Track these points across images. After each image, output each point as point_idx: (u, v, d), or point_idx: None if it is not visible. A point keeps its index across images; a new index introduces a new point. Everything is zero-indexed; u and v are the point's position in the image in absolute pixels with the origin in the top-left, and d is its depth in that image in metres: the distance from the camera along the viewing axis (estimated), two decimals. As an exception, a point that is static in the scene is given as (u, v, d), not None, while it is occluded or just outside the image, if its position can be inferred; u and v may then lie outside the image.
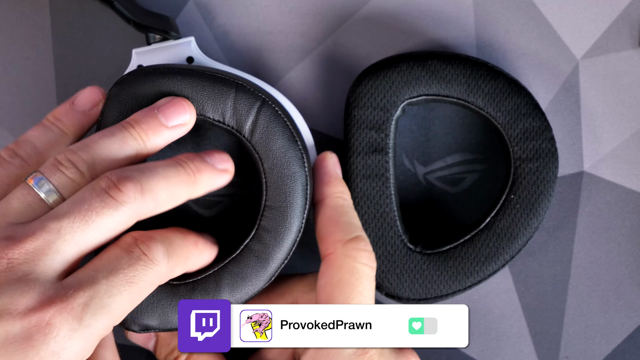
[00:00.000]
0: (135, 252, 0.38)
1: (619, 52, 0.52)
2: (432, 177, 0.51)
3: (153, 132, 0.41)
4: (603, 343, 0.52)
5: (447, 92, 0.48)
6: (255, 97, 0.43)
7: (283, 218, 0.43)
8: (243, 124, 0.43)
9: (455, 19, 0.52)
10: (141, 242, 0.38)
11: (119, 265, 0.37)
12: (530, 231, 0.48)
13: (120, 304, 0.37)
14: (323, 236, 0.43)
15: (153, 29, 0.48)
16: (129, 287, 0.37)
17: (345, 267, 0.42)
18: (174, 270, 0.40)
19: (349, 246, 0.42)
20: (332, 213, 0.44)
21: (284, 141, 0.43)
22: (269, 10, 0.52)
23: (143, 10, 0.48)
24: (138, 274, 0.37)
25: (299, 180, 0.43)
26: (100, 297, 0.36)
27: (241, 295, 0.43)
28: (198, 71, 0.44)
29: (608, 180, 0.52)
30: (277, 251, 0.43)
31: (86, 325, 0.35)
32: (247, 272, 0.43)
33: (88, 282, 0.36)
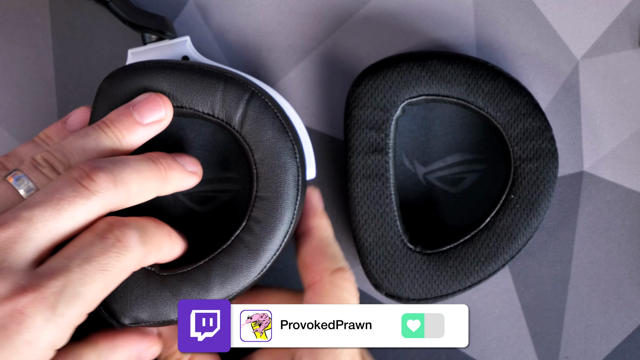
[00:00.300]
0: (109, 238, 0.38)
1: (619, 52, 0.52)
2: (432, 177, 0.51)
3: (128, 131, 0.42)
4: (603, 343, 0.52)
5: (447, 92, 0.48)
6: (244, 88, 0.44)
7: (274, 209, 0.43)
8: (232, 116, 0.43)
9: (455, 19, 0.52)
10: (115, 227, 0.38)
11: (92, 252, 0.37)
12: (530, 231, 0.48)
13: (93, 292, 0.37)
14: (309, 265, 0.44)
15: (148, 29, 0.48)
16: (102, 275, 0.37)
17: (332, 295, 0.42)
18: (147, 257, 0.40)
19: (336, 275, 0.43)
20: (318, 244, 0.45)
21: (274, 131, 0.43)
22: (269, 10, 0.52)
23: (138, 11, 0.48)
24: (111, 261, 0.37)
25: (290, 170, 0.43)
26: (74, 286, 0.36)
27: (232, 287, 0.43)
28: (187, 65, 0.44)
29: (608, 180, 0.52)
30: (268, 242, 0.43)
31: (60, 315, 0.35)
32: (238, 263, 0.43)
33: (61, 271, 0.36)
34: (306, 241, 0.45)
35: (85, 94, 0.52)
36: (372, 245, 0.48)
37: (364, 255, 0.48)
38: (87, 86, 0.52)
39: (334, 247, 0.45)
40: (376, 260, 0.48)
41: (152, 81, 0.43)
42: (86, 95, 0.52)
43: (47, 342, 0.35)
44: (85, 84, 0.52)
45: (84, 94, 0.52)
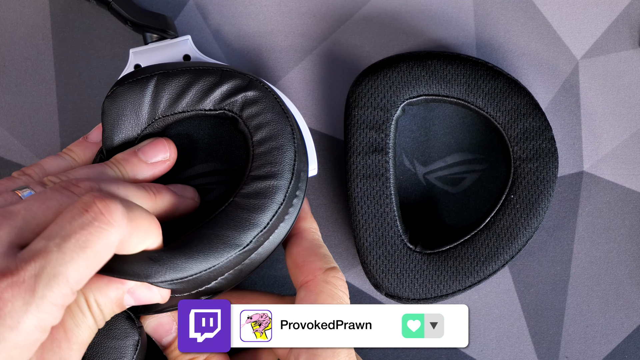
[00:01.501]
0: (91, 211, 0.36)
1: (618, 52, 0.52)
2: (432, 177, 0.51)
3: (132, 167, 0.43)
4: (603, 343, 0.52)
5: (447, 92, 0.48)
6: (242, 78, 0.44)
7: (265, 187, 0.43)
8: (234, 103, 0.44)
9: (455, 19, 0.52)
10: (98, 200, 0.36)
11: (71, 229, 0.36)
12: (530, 231, 0.48)
13: (75, 270, 0.35)
14: (301, 265, 0.44)
15: (150, 29, 0.48)
16: (82, 252, 0.35)
17: (326, 292, 0.43)
18: (132, 237, 0.38)
19: (328, 274, 0.43)
20: (310, 244, 0.45)
21: (274, 114, 0.43)
22: (269, 10, 0.52)
23: (140, 10, 0.48)
24: (92, 237, 0.36)
25: (287, 153, 0.43)
26: (52, 266, 0.35)
27: (214, 260, 0.42)
28: (181, 68, 0.44)
29: (608, 180, 0.52)
30: (256, 217, 0.42)
31: (40, 297, 0.34)
32: (223, 233, 0.42)
33: (40, 252, 0.35)
34: (297, 242, 0.46)
35: (85, 94, 0.52)
36: (372, 245, 0.48)
37: (364, 255, 0.48)
38: (87, 86, 0.52)
39: (324, 248, 0.46)
40: (376, 260, 0.48)
41: (150, 94, 0.44)
42: (86, 95, 0.52)
43: (32, 325, 0.34)
44: (85, 84, 0.52)
45: (84, 94, 0.52)
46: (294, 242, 0.46)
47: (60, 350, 0.37)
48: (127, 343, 0.45)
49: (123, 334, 0.45)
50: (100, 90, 0.52)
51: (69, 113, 0.52)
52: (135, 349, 0.45)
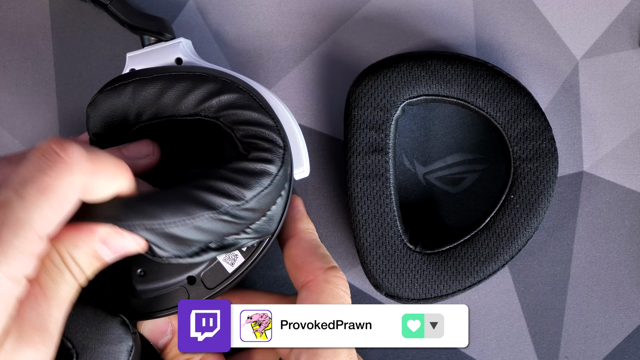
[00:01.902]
0: (48, 155, 0.35)
1: (618, 52, 0.52)
2: (432, 177, 0.51)
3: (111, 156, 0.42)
4: (603, 343, 0.52)
5: (447, 92, 0.48)
6: (214, 81, 0.44)
7: (253, 168, 0.42)
8: (209, 108, 0.43)
9: (455, 19, 0.52)
10: (56, 144, 0.35)
11: (30, 174, 0.35)
12: (530, 231, 0.48)
13: (40, 216, 0.34)
14: (301, 265, 0.44)
15: (146, 31, 0.48)
16: (43, 196, 0.34)
17: (328, 292, 0.43)
18: (97, 179, 0.37)
19: (329, 273, 0.43)
20: (308, 245, 0.45)
21: (252, 112, 0.43)
22: (269, 10, 0.52)
23: (137, 13, 0.48)
24: (52, 179, 0.34)
25: (277, 142, 0.43)
26: (16, 214, 0.34)
27: (184, 214, 0.40)
28: (157, 76, 0.44)
29: (608, 180, 0.52)
30: (239, 190, 0.41)
31: (7, 245, 0.33)
32: (198, 193, 0.41)
33: (2, 203, 0.34)
34: (295, 243, 0.45)
35: (85, 94, 0.52)
36: (372, 245, 0.48)
37: (364, 255, 0.48)
38: (87, 86, 0.52)
39: (323, 248, 0.46)
40: (376, 260, 0.48)
41: (127, 100, 0.44)
42: (86, 95, 0.52)
43: (6, 274, 0.33)
44: (85, 84, 0.52)
45: (84, 94, 0.52)
46: (292, 243, 0.46)
47: (38, 307, 0.36)
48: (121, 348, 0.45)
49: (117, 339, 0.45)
50: (100, 90, 0.52)
51: (69, 113, 0.52)
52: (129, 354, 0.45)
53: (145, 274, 0.46)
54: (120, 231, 0.38)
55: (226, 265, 0.45)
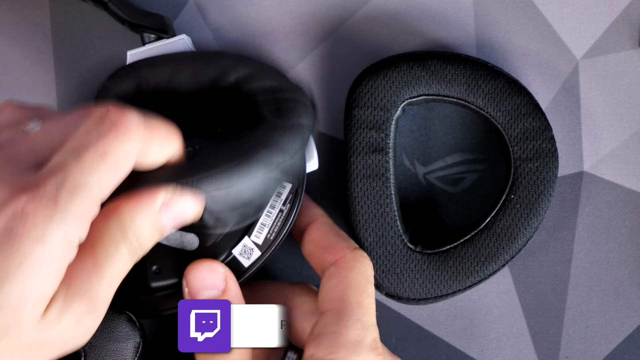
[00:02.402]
0: (106, 121, 0.35)
1: (618, 52, 0.52)
2: (432, 177, 0.51)
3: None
4: (603, 343, 0.52)
5: (447, 92, 0.48)
6: (230, 56, 0.44)
7: (286, 125, 0.41)
8: (226, 79, 0.43)
9: (455, 19, 0.52)
10: (113, 111, 0.36)
11: (89, 140, 0.35)
12: (530, 231, 0.48)
13: (97, 180, 0.34)
14: (326, 245, 0.45)
15: (147, 29, 0.48)
16: (102, 162, 0.35)
17: (357, 269, 0.44)
18: (152, 145, 0.37)
19: (357, 252, 0.44)
20: (331, 227, 0.46)
21: (272, 81, 0.43)
22: (269, 10, 0.52)
23: (137, 10, 0.48)
24: (111, 145, 0.35)
25: (307, 105, 0.42)
26: (73, 177, 0.34)
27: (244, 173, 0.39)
28: (167, 59, 0.44)
29: (608, 180, 0.52)
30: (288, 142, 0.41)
31: (64, 208, 0.33)
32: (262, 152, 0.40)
33: (59, 166, 0.34)
34: (318, 226, 0.46)
35: (85, 94, 0.52)
36: (372, 245, 0.48)
37: (364, 255, 0.48)
38: (87, 86, 0.52)
39: (343, 232, 0.46)
40: (376, 260, 0.48)
41: (140, 83, 0.44)
42: (86, 95, 0.52)
43: (58, 238, 0.33)
44: (85, 84, 0.52)
45: (84, 94, 0.52)
46: (314, 227, 0.46)
47: (89, 282, 0.35)
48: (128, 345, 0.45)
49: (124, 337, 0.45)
50: (100, 90, 0.52)
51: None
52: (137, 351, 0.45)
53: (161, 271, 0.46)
54: (181, 192, 0.38)
55: (242, 259, 0.46)
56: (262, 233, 0.46)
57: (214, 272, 0.43)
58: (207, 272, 0.43)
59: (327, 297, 0.43)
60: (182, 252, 0.46)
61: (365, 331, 0.42)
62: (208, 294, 0.43)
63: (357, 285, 0.43)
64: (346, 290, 0.43)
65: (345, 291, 0.43)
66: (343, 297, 0.43)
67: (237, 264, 0.45)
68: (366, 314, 0.42)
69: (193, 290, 0.43)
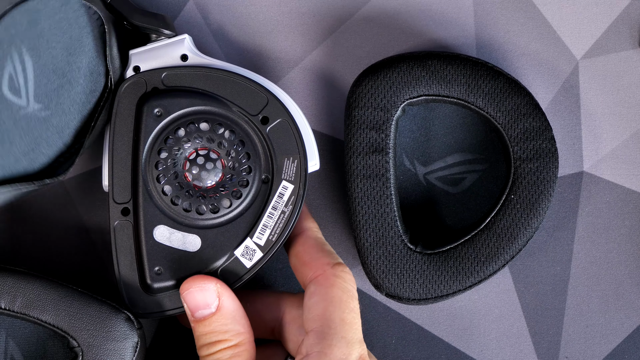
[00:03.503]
0: None
1: (618, 52, 0.52)
2: (432, 177, 0.51)
3: None
4: (603, 343, 0.52)
5: (447, 92, 0.48)
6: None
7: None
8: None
9: (455, 19, 0.52)
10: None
11: None
12: (530, 231, 0.48)
13: None
14: (308, 261, 0.45)
15: (148, 28, 0.48)
16: None
17: (337, 285, 0.43)
18: None
19: (337, 268, 0.44)
20: (314, 242, 0.46)
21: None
22: (269, 10, 0.52)
23: (138, 10, 0.48)
24: None
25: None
26: None
27: None
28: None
29: (608, 180, 0.52)
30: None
31: None
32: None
33: None
34: (302, 241, 0.46)
35: (85, 94, 0.52)
36: (372, 245, 0.48)
37: (364, 255, 0.48)
38: (87, 86, 0.52)
39: (328, 245, 0.46)
40: (376, 260, 0.48)
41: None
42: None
43: None
44: (85, 84, 0.52)
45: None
46: (298, 241, 0.46)
47: None
48: (126, 345, 0.45)
49: (122, 336, 0.45)
50: (100, 90, 0.51)
51: (69, 113, 0.52)
52: (135, 350, 0.45)
53: (162, 272, 0.46)
54: None
55: (244, 260, 0.46)
56: (264, 234, 0.46)
57: (205, 291, 0.44)
58: (199, 293, 0.44)
59: (310, 316, 0.43)
60: (184, 253, 0.46)
61: (350, 348, 0.42)
62: (202, 313, 0.44)
63: (339, 302, 0.43)
64: (328, 307, 0.43)
65: (327, 309, 0.43)
66: (325, 315, 0.42)
67: (240, 265, 0.46)
68: (350, 331, 0.42)
69: (189, 311, 0.44)
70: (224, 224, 0.46)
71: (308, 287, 0.44)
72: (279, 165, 0.46)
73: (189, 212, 0.46)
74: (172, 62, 0.47)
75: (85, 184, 0.51)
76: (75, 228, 0.51)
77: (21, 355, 0.49)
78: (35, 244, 0.51)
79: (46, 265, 0.51)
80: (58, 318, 0.45)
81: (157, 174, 0.46)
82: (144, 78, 0.47)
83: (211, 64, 0.47)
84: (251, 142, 0.46)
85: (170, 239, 0.46)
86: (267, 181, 0.46)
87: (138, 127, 0.46)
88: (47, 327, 0.45)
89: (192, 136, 0.46)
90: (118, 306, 0.46)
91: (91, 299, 0.45)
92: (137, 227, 0.46)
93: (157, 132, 0.46)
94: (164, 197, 0.46)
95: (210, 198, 0.46)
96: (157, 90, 0.47)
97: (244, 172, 0.46)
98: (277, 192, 0.46)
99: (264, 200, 0.46)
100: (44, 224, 0.51)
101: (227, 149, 0.46)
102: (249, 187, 0.46)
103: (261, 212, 0.46)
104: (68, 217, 0.51)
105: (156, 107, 0.46)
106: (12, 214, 0.51)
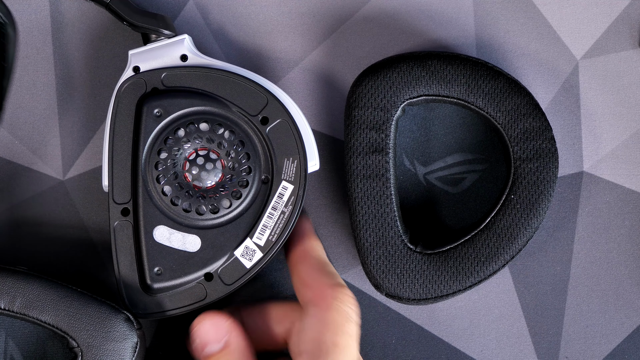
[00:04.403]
0: None
1: (618, 52, 0.52)
2: (432, 177, 0.51)
3: None
4: (603, 343, 0.52)
5: (447, 92, 0.48)
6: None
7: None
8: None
9: (455, 19, 0.52)
10: None
11: None
12: (530, 231, 0.48)
13: None
14: (309, 283, 0.45)
15: (148, 29, 0.48)
16: None
17: (334, 308, 0.43)
18: None
19: (336, 290, 0.44)
20: (316, 262, 0.46)
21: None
22: (269, 10, 0.52)
23: (138, 10, 0.48)
24: None
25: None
26: None
27: None
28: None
29: (608, 180, 0.52)
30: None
31: None
32: None
33: None
34: (303, 261, 0.46)
35: (85, 94, 0.52)
36: (372, 245, 0.48)
37: (364, 255, 0.48)
38: (87, 86, 0.52)
39: (330, 266, 0.46)
40: (376, 260, 0.48)
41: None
42: (86, 95, 0.52)
43: None
44: (85, 84, 0.52)
45: (84, 94, 0.52)
46: (300, 260, 0.46)
47: None
48: (125, 345, 0.45)
49: (122, 337, 0.45)
50: (100, 90, 0.51)
51: (69, 113, 0.52)
52: (134, 350, 0.45)
53: (162, 272, 0.46)
54: None
55: (244, 260, 0.46)
56: (264, 234, 0.46)
57: (217, 327, 0.45)
58: (211, 328, 0.45)
59: (304, 337, 0.43)
60: (184, 254, 0.46)
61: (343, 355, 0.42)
62: (210, 348, 0.44)
63: (334, 325, 0.43)
64: (322, 330, 0.43)
65: (321, 331, 0.43)
66: (318, 338, 0.42)
67: (239, 266, 0.46)
68: (341, 355, 0.42)
69: (199, 345, 0.45)
70: (223, 224, 0.46)
71: (307, 309, 0.44)
72: (279, 165, 0.46)
73: (189, 212, 0.46)
74: (171, 63, 0.47)
75: (85, 184, 0.51)
76: (75, 228, 0.51)
77: (21, 356, 0.49)
78: (35, 244, 0.51)
79: (46, 265, 0.51)
80: (58, 318, 0.45)
81: (156, 174, 0.46)
82: (144, 78, 0.47)
83: (211, 64, 0.47)
84: (251, 142, 0.46)
85: (170, 239, 0.46)
86: (267, 181, 0.46)
87: (138, 128, 0.46)
88: (46, 327, 0.45)
89: (191, 136, 0.46)
90: (118, 306, 0.46)
91: (91, 300, 0.45)
92: (137, 228, 0.46)
93: (157, 132, 0.46)
94: (164, 197, 0.46)
95: (210, 198, 0.46)
96: (157, 91, 0.47)
97: (243, 173, 0.46)
98: (277, 192, 0.46)
99: (264, 201, 0.46)
100: (44, 224, 0.51)
101: (226, 149, 0.46)
102: (249, 188, 0.46)
103: (261, 212, 0.46)
104: (68, 217, 0.51)
105: (156, 108, 0.46)
106: (12, 214, 0.51)
